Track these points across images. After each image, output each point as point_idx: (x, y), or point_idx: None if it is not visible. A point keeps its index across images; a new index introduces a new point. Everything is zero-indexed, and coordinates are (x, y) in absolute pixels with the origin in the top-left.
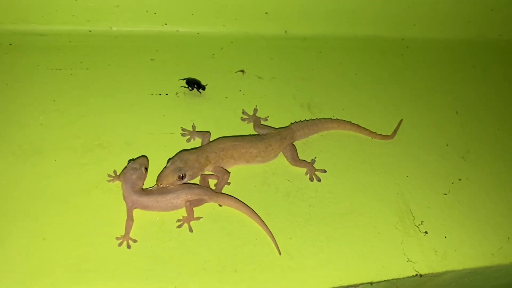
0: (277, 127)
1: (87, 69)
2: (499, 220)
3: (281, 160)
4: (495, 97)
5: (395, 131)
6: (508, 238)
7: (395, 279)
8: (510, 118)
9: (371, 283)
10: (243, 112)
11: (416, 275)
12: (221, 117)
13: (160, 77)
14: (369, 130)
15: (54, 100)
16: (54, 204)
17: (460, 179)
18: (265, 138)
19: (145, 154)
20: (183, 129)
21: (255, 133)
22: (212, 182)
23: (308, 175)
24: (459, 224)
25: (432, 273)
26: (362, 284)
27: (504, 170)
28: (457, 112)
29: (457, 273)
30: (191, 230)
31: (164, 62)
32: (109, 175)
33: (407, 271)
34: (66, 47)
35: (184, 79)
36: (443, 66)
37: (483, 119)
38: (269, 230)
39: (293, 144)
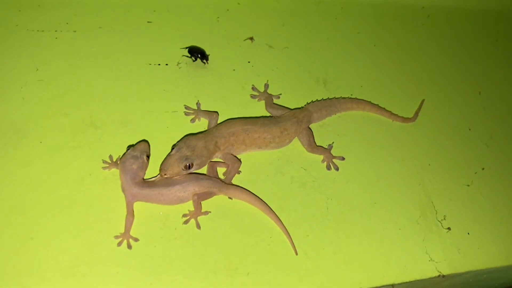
0: (290, 105)
1: (75, 31)
2: None
3: (296, 145)
4: None
5: (416, 113)
6: None
7: (417, 280)
8: None
9: (393, 285)
10: (253, 88)
11: (439, 275)
12: (228, 92)
13: (158, 43)
14: (390, 111)
15: (37, 69)
16: (42, 195)
17: (483, 169)
18: (280, 121)
19: (145, 135)
20: (186, 107)
21: (267, 113)
22: (220, 171)
23: (325, 163)
24: (482, 218)
25: (455, 273)
26: (383, 286)
27: None
28: (479, 93)
29: (477, 272)
30: (198, 226)
31: (163, 25)
32: (104, 161)
33: (430, 272)
34: (49, 3)
35: (186, 47)
36: (464, 39)
37: (506, 100)
38: (284, 227)
39: (309, 128)
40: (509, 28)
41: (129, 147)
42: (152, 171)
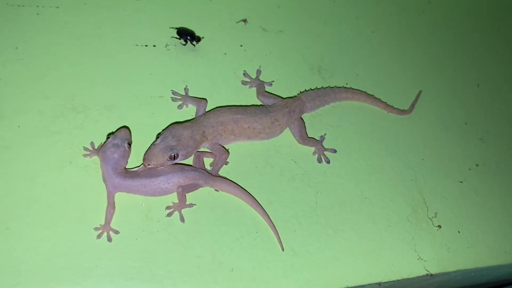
0: (283, 94)
1: (57, 7)
2: None
3: (286, 136)
4: None
5: (412, 105)
6: None
7: (404, 279)
8: None
9: (379, 284)
10: (245, 74)
11: (427, 274)
12: (219, 78)
13: (147, 23)
14: (385, 103)
15: (17, 48)
16: (18, 183)
17: (477, 165)
18: (271, 110)
19: (129, 121)
20: (174, 93)
21: (258, 101)
22: (207, 161)
23: (316, 155)
24: (473, 216)
25: (443, 272)
26: (369, 284)
27: None
28: (478, 85)
29: (466, 271)
30: (182, 219)
31: (152, 3)
32: (85, 148)
33: (418, 270)
34: None
35: (176, 27)
36: (465, 29)
37: (504, 94)
38: (271, 222)
39: (301, 119)
40: (511, 19)
41: (110, 135)
42: (135, 160)
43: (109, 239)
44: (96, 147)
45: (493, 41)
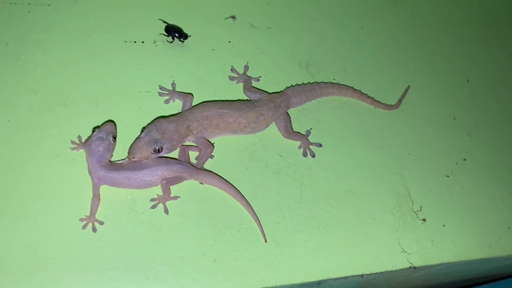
0: (270, 89)
1: (49, 5)
2: (500, 207)
3: (272, 131)
4: (509, 65)
5: (400, 100)
6: (508, 227)
7: (387, 271)
8: None
9: (362, 276)
10: (232, 70)
11: (410, 267)
12: (206, 73)
13: (135, 20)
14: (372, 98)
15: (7, 44)
16: (6, 175)
17: (464, 159)
18: (257, 105)
19: (116, 116)
20: (161, 88)
21: (245, 97)
22: (192, 155)
23: (302, 149)
24: (459, 210)
25: (427, 265)
26: (352, 276)
27: (510, 152)
28: (468, 80)
29: (450, 264)
30: (166, 211)
31: (141, 0)
32: (72, 142)
33: (401, 263)
34: None
35: (164, 21)
36: (456, 24)
37: (494, 89)
38: (255, 214)
39: (287, 113)
40: (503, 15)
41: (95, 128)
42: (121, 153)
43: (94, 229)
44: (83, 141)
45: (484, 37)
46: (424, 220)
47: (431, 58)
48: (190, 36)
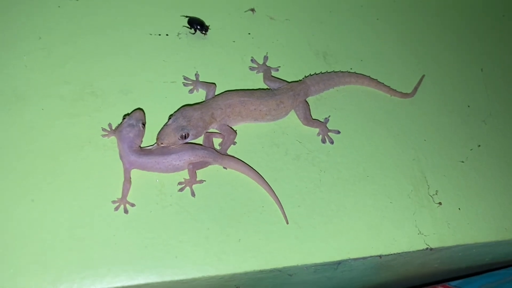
0: (289, 79)
1: (77, 0)
2: None
3: (292, 118)
4: None
5: (415, 89)
6: None
7: (405, 252)
8: None
9: (380, 256)
10: (252, 60)
11: (427, 248)
12: (228, 64)
13: (160, 14)
14: (389, 86)
15: (40, 38)
16: (43, 160)
17: (479, 146)
18: (277, 94)
19: (143, 105)
20: (185, 78)
21: (265, 86)
22: (216, 141)
23: (320, 136)
24: (474, 195)
25: (443, 246)
26: (371, 256)
27: None
28: (482, 70)
29: (466, 246)
30: (193, 194)
31: None
32: (103, 129)
33: (418, 245)
34: None
35: (186, 16)
36: (470, 13)
37: (508, 78)
38: (277, 197)
39: (306, 101)
40: None
41: (125, 116)
42: (149, 139)
43: (126, 211)
44: (113, 128)
45: (498, 26)
46: (440, 203)
47: (445, 48)
48: (210, 29)
